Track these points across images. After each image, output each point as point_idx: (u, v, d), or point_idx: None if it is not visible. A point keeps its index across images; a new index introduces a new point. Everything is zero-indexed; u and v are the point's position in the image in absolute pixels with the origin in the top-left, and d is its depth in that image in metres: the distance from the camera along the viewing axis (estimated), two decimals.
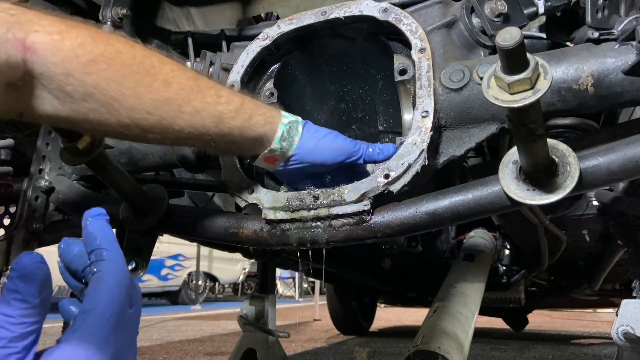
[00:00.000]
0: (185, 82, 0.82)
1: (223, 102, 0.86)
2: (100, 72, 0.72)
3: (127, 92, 0.75)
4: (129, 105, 0.76)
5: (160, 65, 0.79)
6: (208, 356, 3.59)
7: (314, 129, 0.99)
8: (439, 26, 1.07)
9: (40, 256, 0.54)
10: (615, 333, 1.15)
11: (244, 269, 13.16)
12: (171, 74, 0.80)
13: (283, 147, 0.95)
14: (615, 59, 0.89)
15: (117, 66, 0.73)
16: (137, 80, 0.76)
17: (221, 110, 0.86)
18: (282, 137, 0.94)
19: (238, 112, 0.88)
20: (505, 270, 3.05)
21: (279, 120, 0.95)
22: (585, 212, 2.42)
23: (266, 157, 0.96)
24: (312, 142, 0.97)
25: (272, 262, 2.50)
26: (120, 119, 0.76)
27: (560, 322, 7.08)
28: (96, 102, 0.73)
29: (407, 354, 1.29)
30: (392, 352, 3.85)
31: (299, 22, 1.14)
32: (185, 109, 0.81)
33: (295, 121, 0.97)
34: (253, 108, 0.91)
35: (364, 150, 1.00)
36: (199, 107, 0.83)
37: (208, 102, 0.84)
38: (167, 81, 0.79)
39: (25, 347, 0.51)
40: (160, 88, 0.78)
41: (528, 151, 0.79)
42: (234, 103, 0.88)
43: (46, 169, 1.34)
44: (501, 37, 0.65)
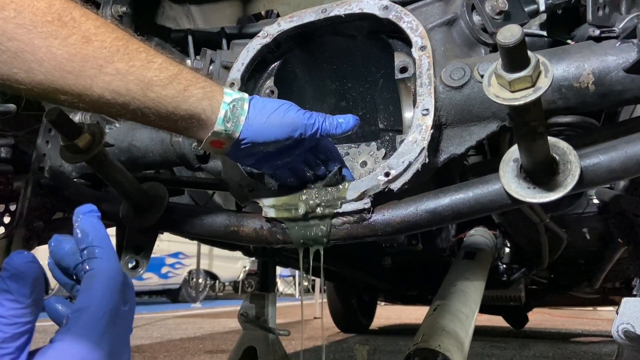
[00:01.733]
0: (109, 41, 0.74)
1: (154, 68, 0.78)
2: (8, 19, 0.67)
3: (38, 43, 0.69)
4: (40, 58, 0.69)
5: (82, 19, 0.72)
6: (208, 354, 3.59)
7: (261, 104, 0.89)
8: (440, 24, 1.07)
9: (32, 255, 0.53)
10: (616, 331, 1.15)
11: (244, 267, 13.17)
12: (94, 30, 0.73)
13: (228, 128, 0.85)
14: (616, 57, 0.89)
15: (27, 14, 0.68)
16: (51, 31, 0.69)
17: (150, 76, 0.77)
18: (226, 118, 0.85)
19: (171, 82, 0.79)
20: (505, 269, 3.05)
21: (220, 97, 0.86)
22: (585, 211, 2.42)
23: (211, 140, 0.87)
24: (260, 120, 0.87)
25: (272, 260, 2.50)
26: (31, 75, 0.70)
27: (561, 320, 7.08)
28: (5, 53, 0.68)
29: (407, 352, 1.29)
30: (392, 350, 3.85)
31: (299, 20, 1.14)
32: (106, 70, 0.74)
33: (240, 98, 0.87)
34: (190, 80, 0.82)
35: (319, 124, 0.91)
36: (123, 70, 0.75)
37: (135, 65, 0.76)
38: (87, 37, 0.72)
39: (18, 348, 0.51)
40: (77, 43, 0.71)
41: (529, 149, 0.79)
42: (168, 71, 0.80)
43: (46, 167, 1.34)
44: (502, 34, 0.65)
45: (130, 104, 0.78)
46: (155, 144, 1.27)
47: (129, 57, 0.76)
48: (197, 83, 0.83)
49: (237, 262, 12.65)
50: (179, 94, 0.80)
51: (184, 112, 0.82)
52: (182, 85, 0.81)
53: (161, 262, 9.82)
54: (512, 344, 4.24)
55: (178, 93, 0.80)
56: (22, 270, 0.52)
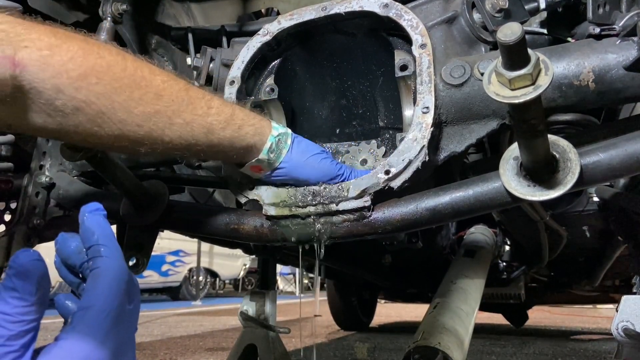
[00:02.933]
0: (176, 93, 0.81)
1: (213, 114, 0.86)
2: (91, 87, 0.71)
3: (117, 106, 0.74)
4: (119, 118, 0.75)
5: (151, 77, 0.79)
6: (209, 352, 3.60)
7: (303, 145, 1.00)
8: (440, 22, 1.07)
9: (37, 253, 0.54)
10: (615, 329, 1.15)
11: (244, 265, 13.19)
12: (162, 85, 0.80)
13: (270, 158, 0.96)
14: (616, 55, 0.89)
15: (107, 80, 0.73)
16: (128, 93, 0.75)
17: (211, 121, 0.86)
18: (271, 149, 0.95)
19: (228, 123, 0.88)
20: (505, 266, 3.05)
21: (268, 132, 0.96)
22: (585, 208, 2.42)
23: (252, 165, 0.97)
24: (299, 158, 0.98)
25: (272, 258, 2.50)
26: (110, 132, 0.76)
27: (560, 318, 7.09)
28: (86, 115, 0.72)
29: (407, 350, 1.29)
30: (392, 347, 3.86)
31: (299, 17, 1.14)
32: (175, 121, 0.81)
33: (285, 133, 0.98)
34: (243, 119, 0.92)
35: (346, 176, 1.01)
36: (189, 119, 0.83)
37: (198, 113, 0.84)
38: (157, 94, 0.79)
39: (23, 345, 0.51)
40: (150, 101, 0.78)
41: (529, 147, 0.79)
42: (224, 114, 0.88)
43: (47, 165, 1.34)
44: (502, 32, 0.65)
45: (195, 146, 0.86)
46: None
47: (192, 106, 0.83)
48: (249, 121, 0.93)
49: (238, 260, 12.67)
50: (234, 133, 0.90)
51: (239, 147, 0.92)
52: (237, 124, 0.90)
53: (162, 260, 9.83)
54: (512, 342, 4.24)
55: (234, 132, 0.90)
56: (28, 268, 0.52)
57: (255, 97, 1.16)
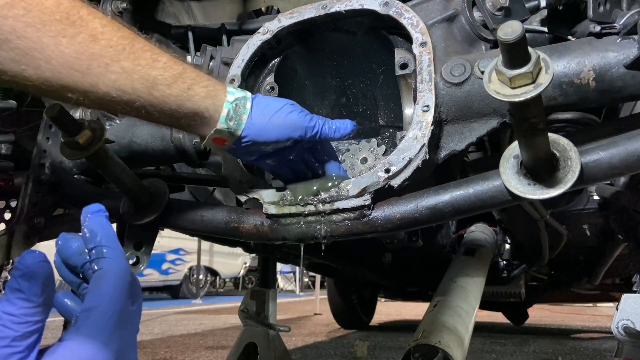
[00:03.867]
0: (116, 39, 0.76)
1: (159, 67, 0.80)
2: (18, 17, 0.67)
3: (46, 42, 0.69)
4: (48, 56, 0.70)
5: (89, 18, 0.73)
6: (209, 350, 3.60)
7: (264, 104, 0.91)
8: (440, 20, 1.07)
9: (43, 255, 0.54)
10: (616, 327, 1.15)
11: (244, 263, 13.20)
12: (100, 28, 0.74)
13: (230, 127, 0.88)
14: (617, 53, 0.89)
15: (36, 12, 0.68)
16: (59, 29, 0.70)
17: (155, 75, 0.79)
18: (229, 116, 0.87)
19: (175, 80, 0.81)
20: (505, 265, 3.05)
21: (223, 95, 0.88)
22: (586, 207, 2.42)
23: (214, 137, 0.89)
24: (262, 120, 0.89)
25: (272, 256, 2.51)
26: (39, 72, 0.71)
27: (561, 316, 7.09)
28: (13, 50, 0.68)
29: (407, 348, 1.29)
30: (392, 346, 3.86)
31: (299, 16, 1.14)
32: (112, 69, 0.75)
33: (243, 97, 0.89)
34: (194, 78, 0.84)
35: (319, 127, 0.94)
36: (129, 69, 0.76)
37: (141, 64, 0.78)
38: (94, 36, 0.73)
39: (28, 346, 0.51)
40: (84, 41, 0.72)
41: (529, 146, 0.79)
42: (172, 70, 0.81)
43: (47, 164, 1.34)
44: (503, 31, 0.64)
45: (135, 101, 0.79)
46: (155, 141, 1.27)
47: (134, 55, 0.77)
48: (200, 82, 0.85)
49: (238, 258, 12.68)
50: (182, 92, 0.82)
51: (187, 110, 0.84)
52: (186, 84, 0.83)
53: (162, 258, 9.84)
54: (512, 340, 4.24)
55: (182, 92, 0.82)
56: (34, 270, 0.52)
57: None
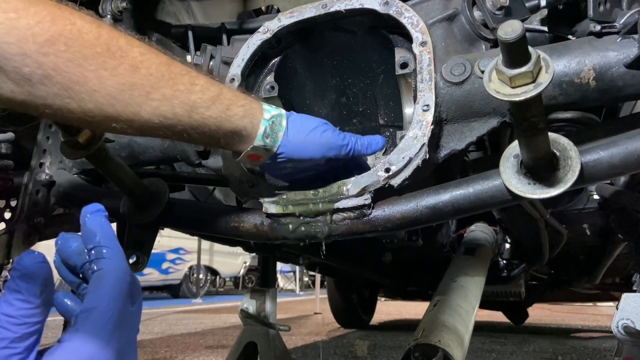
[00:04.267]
0: (155, 67, 0.76)
1: (197, 91, 0.81)
2: (59, 53, 0.67)
3: (89, 75, 0.70)
4: (91, 89, 0.71)
5: (128, 47, 0.74)
6: (209, 349, 3.60)
7: (299, 122, 0.93)
8: (440, 19, 1.07)
9: (42, 256, 0.53)
10: (616, 327, 1.15)
11: (244, 262, 13.20)
12: (139, 57, 0.75)
13: (267, 144, 0.89)
14: (617, 53, 0.89)
15: (77, 47, 0.68)
16: (101, 62, 0.70)
17: (195, 99, 0.80)
18: (265, 134, 0.89)
19: (214, 102, 0.82)
20: (505, 264, 3.05)
21: (260, 114, 0.89)
22: (586, 206, 2.42)
23: (249, 154, 0.91)
24: (298, 138, 0.91)
25: (272, 255, 2.51)
26: (82, 105, 0.71)
27: (561, 315, 7.10)
28: (55, 85, 0.68)
29: (407, 348, 1.29)
30: (392, 345, 3.86)
31: (299, 15, 1.13)
32: (153, 96, 0.76)
33: (279, 115, 0.91)
34: (231, 99, 0.85)
35: (352, 145, 0.96)
36: (169, 95, 0.77)
37: (180, 89, 0.79)
38: (134, 65, 0.74)
39: (27, 348, 0.51)
40: (125, 72, 0.73)
41: (529, 145, 0.78)
42: (210, 92, 0.82)
43: (47, 163, 1.34)
44: (503, 30, 0.64)
45: (176, 126, 0.80)
46: (155, 140, 1.27)
47: (173, 81, 0.78)
48: (237, 102, 0.86)
49: (238, 257, 12.67)
50: (221, 113, 0.83)
51: (226, 130, 0.85)
52: (224, 104, 0.84)
53: (162, 257, 9.83)
54: (512, 340, 4.25)
55: (221, 112, 0.83)
56: (33, 271, 0.52)
57: (256, 94, 1.16)
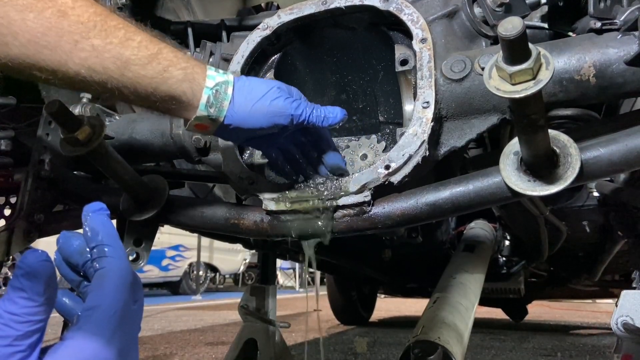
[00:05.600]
0: (87, 15, 0.72)
1: (133, 46, 0.75)
2: None
3: (13, 16, 0.67)
4: (15, 31, 0.68)
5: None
6: (209, 346, 3.61)
7: (247, 88, 0.86)
8: (441, 16, 1.06)
9: (46, 254, 0.53)
10: (615, 324, 1.15)
11: (244, 259, 13.20)
12: (71, 3, 0.71)
13: (211, 114, 0.83)
14: (617, 50, 0.88)
15: None
16: (27, 3, 0.68)
17: (128, 55, 0.75)
18: (209, 103, 0.83)
19: (150, 62, 0.77)
20: (505, 261, 3.05)
21: (202, 79, 0.83)
22: (585, 203, 2.42)
23: (195, 124, 0.85)
24: (245, 107, 0.85)
25: (272, 253, 2.51)
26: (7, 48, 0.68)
27: (560, 312, 7.11)
28: None
29: (407, 344, 1.29)
30: (392, 342, 3.87)
31: (299, 12, 1.13)
32: (81, 46, 0.71)
33: (224, 82, 0.84)
34: (171, 60, 0.79)
35: (306, 115, 0.89)
36: (100, 47, 0.72)
37: (112, 42, 0.73)
38: (63, 11, 0.70)
39: (30, 345, 0.51)
40: (52, 16, 0.69)
41: (529, 142, 0.78)
42: (147, 50, 0.77)
43: (46, 160, 1.34)
44: (503, 27, 0.64)
45: (107, 82, 0.75)
46: (155, 137, 1.27)
47: (106, 33, 0.73)
48: (177, 64, 0.80)
49: (238, 254, 12.68)
50: (157, 74, 0.78)
51: (163, 94, 0.80)
52: (162, 65, 0.78)
53: (162, 254, 9.84)
54: (511, 336, 4.25)
55: (157, 74, 0.78)
56: (36, 269, 0.52)
57: None
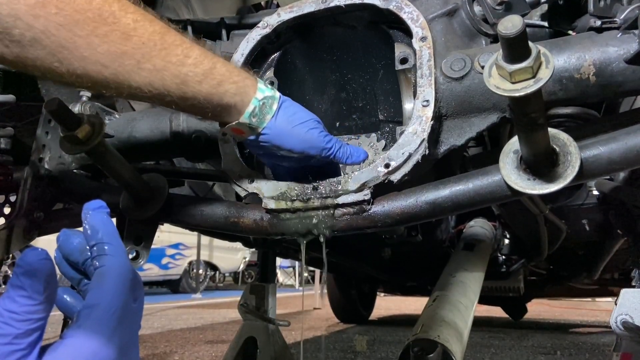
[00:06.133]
0: (147, 35, 0.75)
1: (189, 64, 0.79)
2: (50, 17, 0.66)
3: (78, 41, 0.69)
4: (81, 55, 0.70)
5: (121, 14, 0.72)
6: (209, 344, 3.61)
7: (291, 111, 0.93)
8: (441, 14, 1.06)
9: (46, 252, 0.53)
10: (614, 322, 1.15)
11: (244, 258, 13.21)
12: (132, 25, 0.73)
13: (252, 123, 0.89)
14: (617, 48, 0.88)
15: (69, 10, 0.67)
16: (92, 28, 0.69)
17: (186, 72, 0.79)
18: (253, 113, 0.88)
19: (206, 77, 0.81)
20: (504, 260, 3.05)
21: (252, 92, 0.88)
22: (585, 202, 2.42)
23: (233, 128, 0.90)
24: (285, 127, 0.91)
25: (272, 251, 2.51)
26: (72, 69, 0.71)
27: (559, 311, 7.11)
28: (45, 49, 0.68)
29: (406, 343, 1.29)
30: (391, 340, 3.87)
31: (299, 10, 1.13)
32: (144, 66, 0.75)
33: (271, 97, 0.90)
34: (224, 74, 0.84)
35: (334, 151, 0.96)
36: (160, 66, 0.76)
37: (172, 61, 0.77)
38: (126, 33, 0.72)
39: (30, 344, 0.51)
40: (117, 40, 0.72)
41: (529, 141, 0.78)
42: (203, 66, 0.81)
43: (46, 158, 1.34)
44: (503, 25, 0.64)
45: (166, 96, 0.80)
46: (155, 135, 1.27)
47: (165, 52, 0.77)
48: (230, 78, 0.85)
49: (237, 253, 12.69)
50: (212, 88, 0.82)
51: (215, 104, 0.85)
52: (216, 80, 0.83)
53: (161, 253, 9.85)
54: (511, 335, 4.26)
55: (212, 88, 0.82)
56: (36, 267, 0.52)
57: None
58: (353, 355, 3.19)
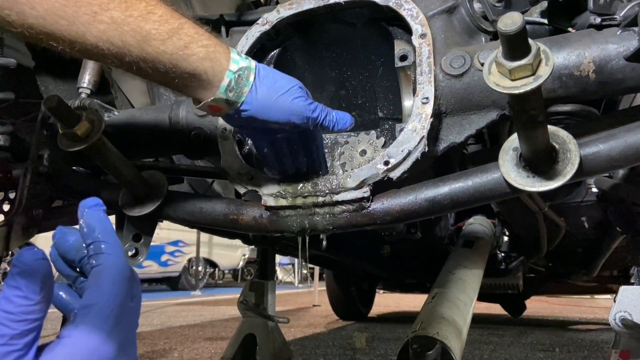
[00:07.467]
0: None
1: (153, 20, 0.73)
2: None
3: None
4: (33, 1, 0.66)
5: None
6: (208, 341, 3.61)
7: (270, 81, 0.86)
8: (440, 11, 1.06)
9: (42, 252, 0.53)
10: (613, 319, 1.16)
11: (243, 255, 13.22)
12: None
13: (229, 97, 0.82)
14: (617, 45, 0.88)
15: None
16: None
17: (148, 29, 0.73)
18: (229, 87, 0.81)
19: (171, 37, 0.75)
20: (503, 257, 3.06)
21: (225, 61, 0.81)
22: (584, 199, 2.42)
23: (209, 105, 0.84)
24: (267, 99, 0.84)
25: (271, 248, 2.51)
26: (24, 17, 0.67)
27: (558, 308, 7.13)
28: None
29: (405, 340, 1.29)
30: (390, 337, 3.88)
31: (298, 7, 1.13)
32: (100, 18, 0.70)
33: (247, 67, 0.83)
34: (192, 36, 0.77)
35: (320, 118, 0.90)
36: (119, 19, 0.71)
37: (132, 15, 0.72)
38: None
39: (26, 344, 0.51)
40: None
41: (528, 138, 0.78)
42: (168, 24, 0.75)
43: (45, 155, 1.33)
44: (503, 22, 0.64)
45: (125, 56, 0.74)
46: (154, 132, 1.26)
47: (126, 5, 0.72)
48: (199, 40, 0.78)
49: (237, 250, 12.70)
50: (178, 50, 0.76)
51: (182, 71, 0.78)
52: (183, 41, 0.76)
53: (161, 250, 9.84)
54: (510, 332, 4.26)
55: (177, 49, 0.76)
56: (32, 267, 0.51)
57: None
58: (352, 352, 3.19)
